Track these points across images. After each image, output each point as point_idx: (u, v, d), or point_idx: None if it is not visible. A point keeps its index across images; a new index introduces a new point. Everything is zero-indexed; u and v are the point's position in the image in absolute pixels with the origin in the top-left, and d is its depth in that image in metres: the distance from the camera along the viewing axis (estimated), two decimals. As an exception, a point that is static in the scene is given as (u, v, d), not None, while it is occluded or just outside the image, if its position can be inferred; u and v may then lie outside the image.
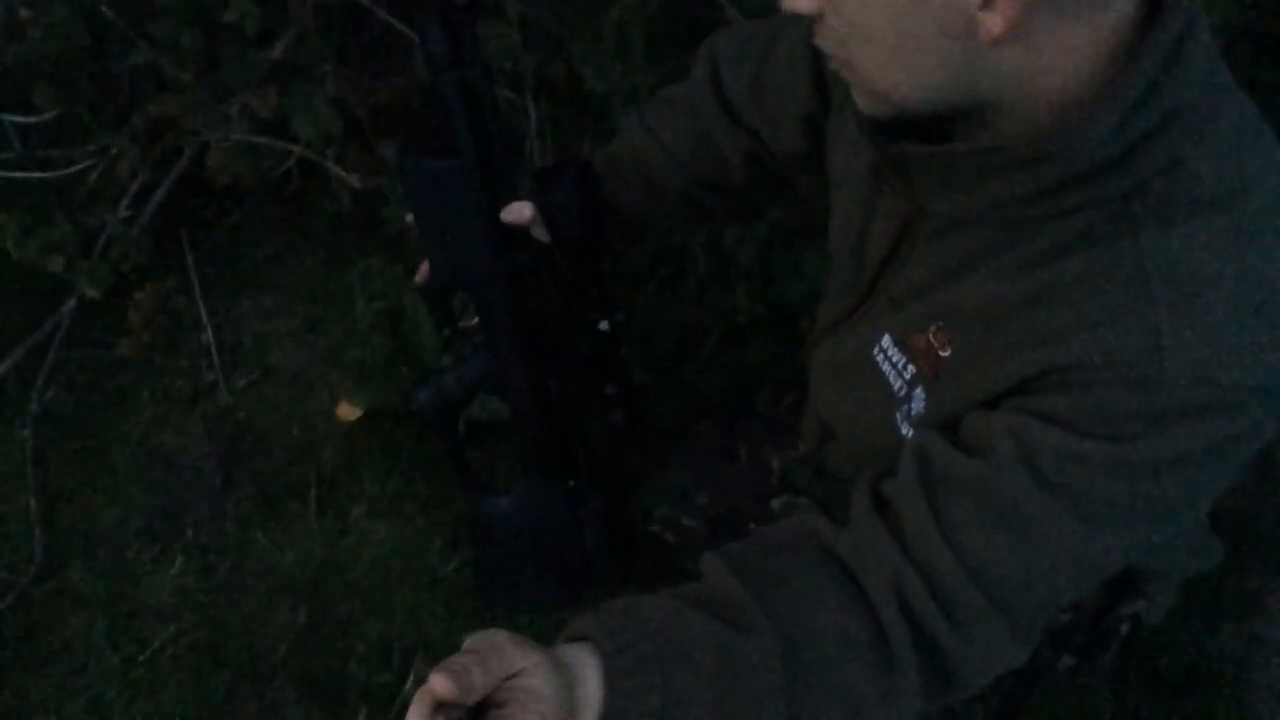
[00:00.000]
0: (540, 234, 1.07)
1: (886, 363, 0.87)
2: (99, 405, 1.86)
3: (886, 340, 0.87)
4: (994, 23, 0.62)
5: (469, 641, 0.63)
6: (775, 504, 1.19)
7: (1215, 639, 1.58)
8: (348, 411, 1.81)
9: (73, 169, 1.91)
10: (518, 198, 1.04)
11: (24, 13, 1.80)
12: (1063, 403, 0.70)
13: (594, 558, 1.19)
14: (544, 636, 0.73)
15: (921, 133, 0.76)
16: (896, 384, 0.86)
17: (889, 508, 0.77)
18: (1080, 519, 0.70)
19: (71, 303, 1.85)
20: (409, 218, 1.06)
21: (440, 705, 0.60)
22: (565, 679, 0.64)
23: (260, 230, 2.05)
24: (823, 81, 0.97)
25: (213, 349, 1.89)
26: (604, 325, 1.10)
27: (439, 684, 0.59)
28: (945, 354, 0.80)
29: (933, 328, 0.81)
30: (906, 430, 0.85)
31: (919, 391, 0.83)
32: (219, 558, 1.71)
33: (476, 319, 1.13)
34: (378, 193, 1.86)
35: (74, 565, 1.71)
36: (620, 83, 1.67)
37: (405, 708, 0.71)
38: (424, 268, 1.12)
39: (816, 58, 0.97)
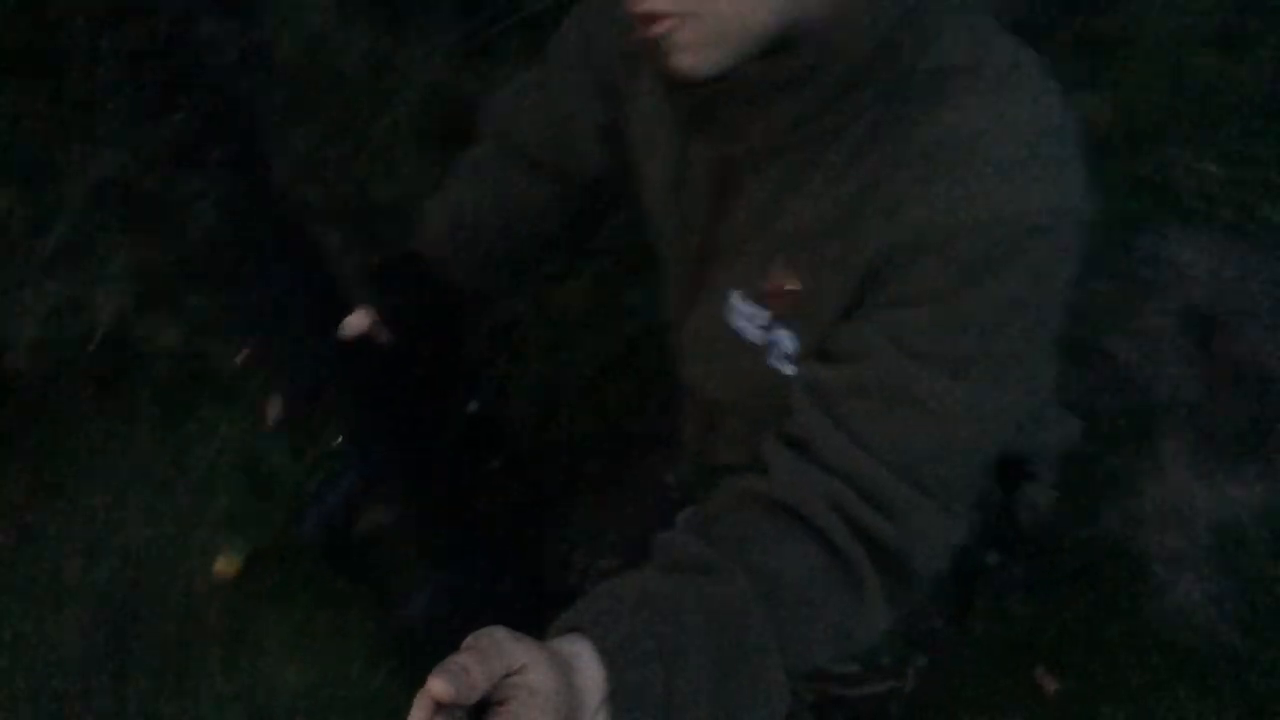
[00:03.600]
0: (384, 335, 1.08)
1: (740, 319, 0.92)
2: (-38, 632, 1.75)
3: (735, 298, 0.91)
4: None
5: (468, 640, 0.61)
6: (681, 517, 1.20)
7: (1100, 528, 1.70)
8: (227, 565, 1.76)
9: None
10: (350, 308, 1.04)
11: None
12: (896, 286, 0.78)
13: (521, 628, 1.19)
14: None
15: None
16: (755, 336, 0.91)
17: (799, 441, 0.83)
18: (955, 378, 0.78)
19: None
20: (237, 361, 1.04)
21: (440, 706, 0.58)
22: (565, 671, 0.64)
23: (83, 415, 1.96)
24: (605, 87, 1.03)
25: (63, 547, 1.80)
26: (473, 407, 1.11)
27: (438, 687, 0.57)
28: (795, 288, 0.86)
29: (774, 266, 0.87)
30: (785, 368, 0.90)
31: (781, 332, 0.89)
32: (133, 749, 1.64)
33: (340, 438, 1.12)
34: (196, 346, 1.82)
35: (-23, 806, 1.60)
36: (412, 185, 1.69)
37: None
38: (273, 405, 1.10)
39: (592, 68, 1.03)
